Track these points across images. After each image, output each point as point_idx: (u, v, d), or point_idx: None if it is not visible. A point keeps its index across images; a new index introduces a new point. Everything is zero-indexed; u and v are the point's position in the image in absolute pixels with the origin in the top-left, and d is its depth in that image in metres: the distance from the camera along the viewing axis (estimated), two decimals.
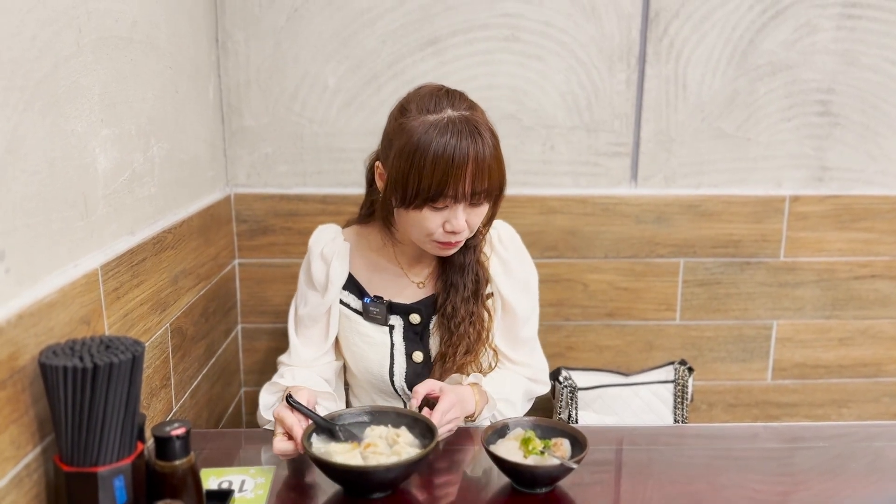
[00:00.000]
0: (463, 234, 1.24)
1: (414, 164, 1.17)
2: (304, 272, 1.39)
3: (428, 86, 1.27)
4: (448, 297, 1.33)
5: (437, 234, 1.23)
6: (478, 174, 1.18)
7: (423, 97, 1.23)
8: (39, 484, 0.87)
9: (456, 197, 1.19)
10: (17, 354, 0.82)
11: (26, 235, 0.87)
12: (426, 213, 1.21)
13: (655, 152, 1.82)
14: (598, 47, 1.74)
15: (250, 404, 1.89)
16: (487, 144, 1.18)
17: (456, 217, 1.21)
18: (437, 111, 1.19)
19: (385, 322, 1.35)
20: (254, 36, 1.69)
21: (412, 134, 1.18)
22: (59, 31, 0.94)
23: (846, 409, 2.01)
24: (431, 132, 1.16)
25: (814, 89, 1.80)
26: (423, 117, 1.19)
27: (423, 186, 1.17)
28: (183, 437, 0.91)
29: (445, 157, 1.15)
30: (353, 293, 1.37)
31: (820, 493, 1.11)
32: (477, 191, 1.19)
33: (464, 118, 1.18)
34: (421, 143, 1.16)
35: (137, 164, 1.20)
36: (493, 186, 1.22)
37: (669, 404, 1.66)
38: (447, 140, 1.15)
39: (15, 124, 0.84)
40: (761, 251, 1.88)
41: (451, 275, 1.34)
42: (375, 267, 1.38)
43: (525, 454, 1.10)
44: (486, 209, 1.26)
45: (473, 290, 1.34)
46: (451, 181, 1.16)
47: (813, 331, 1.94)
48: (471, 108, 1.23)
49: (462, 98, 1.24)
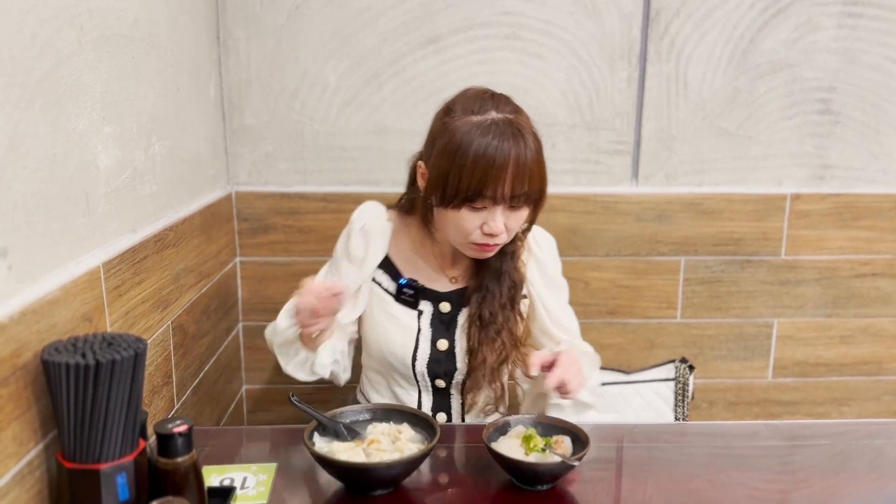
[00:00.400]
0: (500, 238, 1.24)
1: (455, 163, 1.18)
2: (343, 244, 1.39)
3: (474, 88, 1.28)
4: (484, 302, 1.33)
5: (474, 235, 1.24)
6: (518, 177, 1.18)
7: (468, 99, 1.24)
8: (42, 480, 0.87)
9: (495, 198, 1.19)
10: (20, 351, 0.83)
11: (28, 233, 0.87)
12: (464, 213, 1.21)
13: (656, 150, 1.82)
14: (599, 45, 1.74)
15: (252, 402, 1.90)
16: (529, 147, 1.18)
17: (494, 219, 1.21)
18: (482, 112, 1.20)
19: (415, 306, 1.35)
20: (255, 34, 1.69)
21: (455, 133, 1.19)
22: (60, 28, 0.94)
23: (847, 408, 2.01)
24: (474, 132, 1.17)
25: (815, 88, 1.80)
26: (467, 118, 1.20)
27: (462, 186, 1.18)
28: (185, 434, 0.91)
29: (487, 157, 1.16)
30: (388, 273, 1.37)
31: (820, 490, 1.11)
32: (517, 193, 1.19)
33: (507, 120, 1.19)
34: (463, 143, 1.17)
35: (139, 161, 1.20)
36: (534, 190, 1.22)
37: (670, 402, 1.66)
38: (489, 140, 1.16)
39: (16, 122, 0.84)
40: (762, 249, 1.88)
41: (487, 279, 1.34)
42: (413, 255, 1.38)
43: (526, 452, 1.10)
44: (525, 213, 1.26)
45: (510, 296, 1.35)
46: (490, 181, 1.17)
47: (814, 329, 1.94)
48: (515, 111, 1.23)
49: (507, 101, 1.25)
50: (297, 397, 1.14)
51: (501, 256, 1.33)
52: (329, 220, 1.78)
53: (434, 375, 1.35)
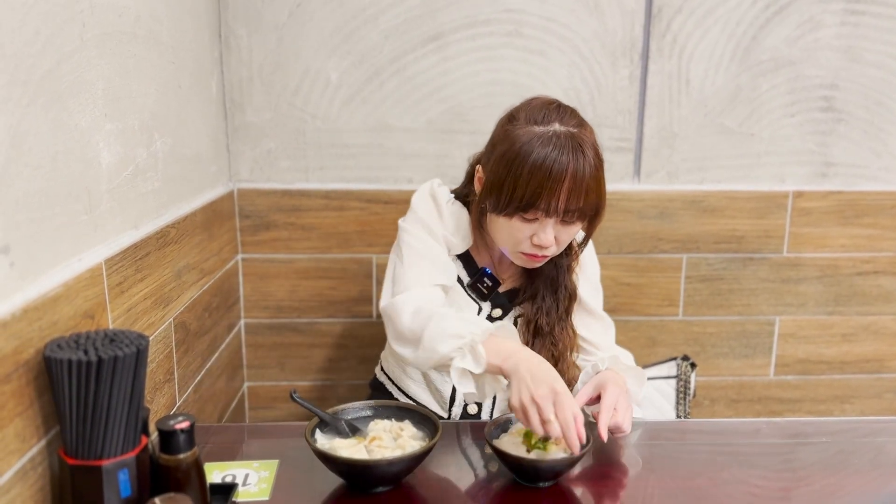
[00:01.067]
0: (550, 250, 1.24)
1: (511, 171, 1.17)
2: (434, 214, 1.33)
3: (541, 98, 1.27)
4: (540, 312, 1.33)
5: (524, 245, 1.23)
6: (574, 191, 1.17)
7: (533, 108, 1.23)
8: (44, 477, 0.88)
9: (548, 211, 1.18)
10: (22, 348, 0.83)
11: (30, 230, 0.87)
12: (516, 222, 1.21)
13: (658, 148, 1.81)
14: (601, 43, 1.74)
15: (253, 399, 1.90)
16: (589, 163, 1.17)
17: (545, 231, 1.20)
18: (545, 123, 1.19)
19: (484, 299, 1.35)
20: (256, 31, 1.69)
21: (515, 142, 1.18)
22: (62, 25, 0.94)
23: (849, 405, 2.01)
24: (534, 142, 1.16)
25: (817, 85, 1.80)
26: (530, 127, 1.19)
27: (517, 195, 1.17)
28: (187, 430, 0.91)
29: (544, 168, 1.15)
30: (462, 261, 1.36)
31: (822, 488, 1.11)
32: (570, 208, 1.18)
33: (569, 134, 1.17)
34: (522, 152, 1.16)
35: (141, 159, 1.20)
36: (588, 207, 1.20)
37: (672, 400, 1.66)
38: (548, 152, 1.15)
39: (19, 119, 0.84)
40: (764, 247, 1.87)
41: (542, 288, 1.34)
42: (476, 250, 1.37)
43: (528, 449, 1.10)
44: (577, 228, 1.24)
45: (566, 308, 1.35)
46: (545, 193, 1.16)
47: (816, 327, 1.94)
48: (580, 125, 1.21)
49: (573, 115, 1.23)
50: (298, 394, 1.14)
51: (556, 267, 1.33)
52: (331, 218, 1.79)
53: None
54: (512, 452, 1.08)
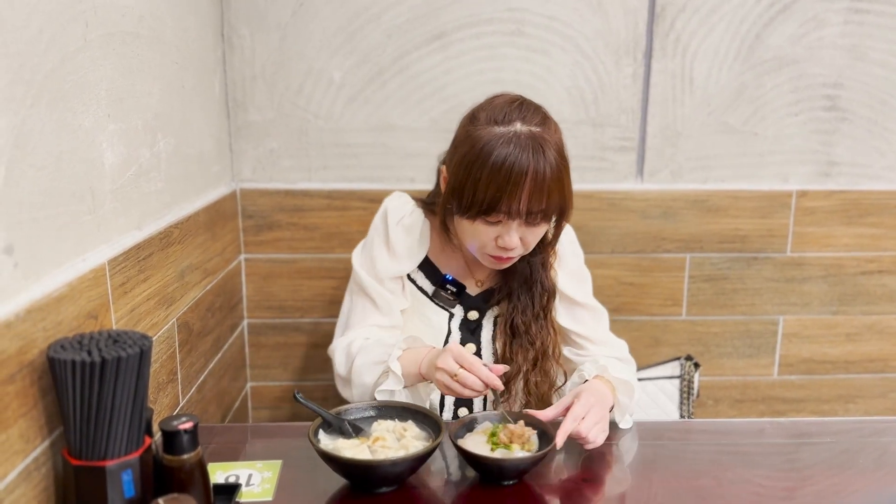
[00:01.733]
0: (516, 251, 1.23)
1: (471, 175, 1.16)
2: (381, 233, 1.35)
3: (505, 95, 1.25)
4: (515, 310, 1.32)
5: (489, 247, 1.22)
6: (535, 193, 1.15)
7: (495, 107, 1.21)
8: (48, 477, 0.88)
9: (510, 213, 1.17)
10: (26, 349, 0.83)
11: (34, 230, 0.87)
12: (479, 225, 1.20)
13: (662, 147, 1.81)
14: (604, 42, 1.74)
15: (256, 399, 1.90)
16: (550, 164, 1.15)
17: (508, 234, 1.19)
18: (506, 123, 1.17)
19: (451, 307, 1.35)
20: (259, 30, 1.69)
21: (475, 143, 1.17)
22: (65, 24, 0.94)
23: (853, 405, 2.00)
24: (494, 143, 1.15)
25: (821, 84, 1.79)
26: (490, 128, 1.17)
27: (477, 198, 1.16)
28: (190, 431, 0.91)
29: (503, 171, 1.13)
30: (425, 272, 1.36)
31: (826, 488, 1.11)
32: (533, 210, 1.17)
33: (530, 134, 1.16)
34: (481, 154, 1.15)
35: (144, 159, 1.20)
36: (552, 208, 1.19)
37: (675, 400, 1.66)
38: (507, 154, 1.13)
39: (22, 119, 0.84)
40: (768, 246, 1.87)
41: (517, 287, 1.32)
42: (442, 256, 1.37)
43: (492, 448, 1.10)
44: (543, 229, 1.23)
45: (542, 305, 1.33)
46: (505, 196, 1.14)
47: (820, 326, 1.93)
48: (543, 124, 1.20)
49: (537, 112, 1.21)
50: (302, 395, 1.14)
51: (530, 263, 1.32)
52: (333, 218, 1.78)
53: None
54: (476, 451, 1.07)
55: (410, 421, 1.15)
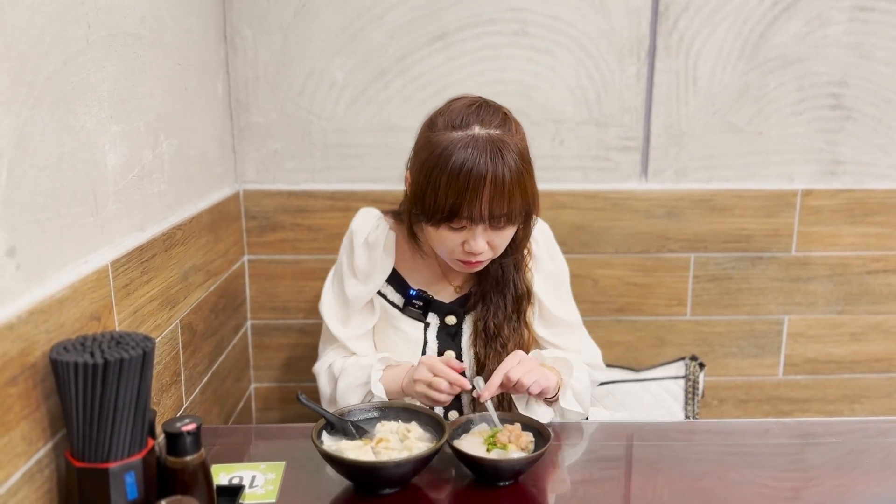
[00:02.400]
0: (484, 256, 1.22)
1: (431, 182, 1.15)
2: (347, 257, 1.36)
3: (464, 98, 1.23)
4: (488, 314, 1.30)
5: (456, 252, 1.21)
6: (496, 197, 1.13)
7: (453, 111, 1.19)
8: (51, 479, 0.88)
9: (472, 218, 1.15)
10: (28, 350, 0.83)
11: (36, 231, 0.87)
12: (444, 231, 1.19)
13: (666, 147, 1.81)
14: (607, 41, 1.73)
15: (260, 400, 1.90)
16: (509, 167, 1.13)
17: (475, 239, 1.18)
18: (463, 128, 1.16)
19: (423, 319, 1.34)
20: (261, 31, 1.69)
21: (433, 150, 1.15)
22: (67, 26, 0.94)
23: (859, 405, 1.99)
24: (451, 149, 1.13)
25: (826, 82, 1.78)
26: (448, 133, 1.16)
27: (438, 205, 1.15)
28: (194, 432, 0.91)
29: (461, 176, 1.12)
30: (393, 286, 1.35)
31: (832, 489, 1.10)
32: (496, 214, 1.15)
33: (489, 137, 1.14)
34: (439, 161, 1.14)
35: (146, 160, 1.20)
36: (515, 211, 1.17)
37: (680, 400, 1.65)
38: (465, 158, 1.12)
39: (24, 120, 0.84)
40: (773, 246, 1.86)
41: (490, 289, 1.31)
42: (415, 264, 1.35)
43: (488, 449, 1.10)
44: (510, 232, 1.22)
45: (515, 307, 1.32)
46: (465, 203, 1.13)
47: (825, 326, 1.92)
48: (503, 126, 1.18)
49: (496, 114, 1.19)
50: (305, 396, 1.14)
51: (502, 265, 1.30)
52: (337, 218, 1.78)
53: None
54: (471, 452, 1.07)
55: (414, 422, 1.15)
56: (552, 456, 1.18)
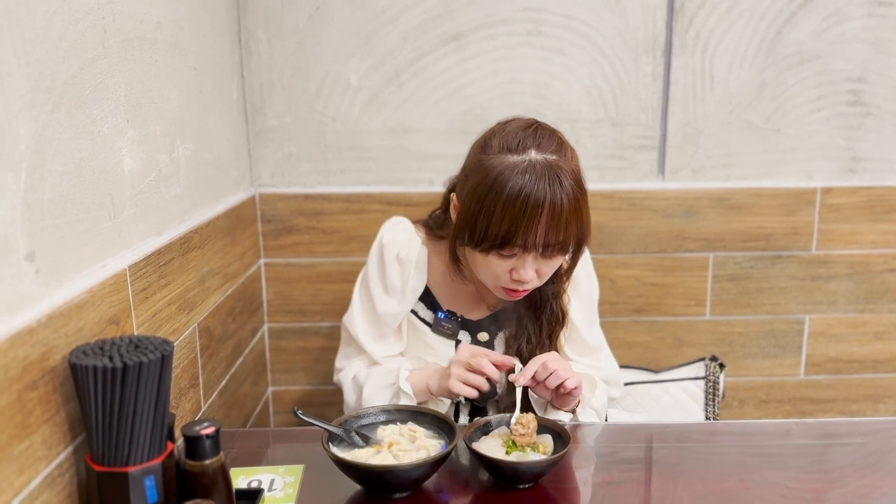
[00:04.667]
0: (531, 284, 1.19)
1: (484, 207, 1.11)
2: (377, 272, 1.33)
3: (518, 120, 1.20)
4: (522, 337, 1.29)
5: (503, 279, 1.18)
6: (552, 225, 1.10)
7: (507, 133, 1.16)
8: (72, 483, 0.88)
9: (525, 247, 1.12)
10: (48, 355, 0.83)
11: (55, 236, 0.87)
12: (493, 258, 1.16)
13: (683, 145, 1.79)
14: (622, 40, 1.72)
15: (278, 403, 1.90)
16: (567, 194, 1.10)
17: (524, 267, 1.15)
18: (520, 151, 1.12)
19: (454, 336, 1.32)
20: (276, 35, 1.69)
21: (487, 174, 1.12)
22: (84, 31, 0.94)
23: (882, 405, 1.96)
24: (507, 174, 1.09)
25: (844, 79, 1.76)
26: (503, 157, 1.12)
27: (491, 232, 1.11)
28: (212, 436, 0.91)
29: (518, 203, 1.08)
30: (425, 303, 1.33)
31: (855, 490, 1.09)
32: (550, 243, 1.13)
33: (546, 163, 1.10)
34: (494, 186, 1.10)
35: (163, 164, 1.20)
36: (569, 239, 1.14)
37: (700, 401, 1.64)
38: (523, 185, 1.08)
39: (42, 125, 0.85)
40: (793, 244, 1.84)
41: (525, 314, 1.29)
42: (449, 282, 1.32)
43: (508, 451, 1.09)
44: (559, 261, 1.19)
45: (549, 332, 1.30)
46: (521, 231, 1.10)
47: (847, 325, 1.90)
48: (559, 151, 1.14)
49: (552, 138, 1.16)
50: (301, 411, 1.09)
51: (540, 293, 1.28)
52: (352, 221, 1.78)
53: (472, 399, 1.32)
54: (491, 455, 1.06)
55: (411, 423, 1.14)
56: (572, 458, 1.17)
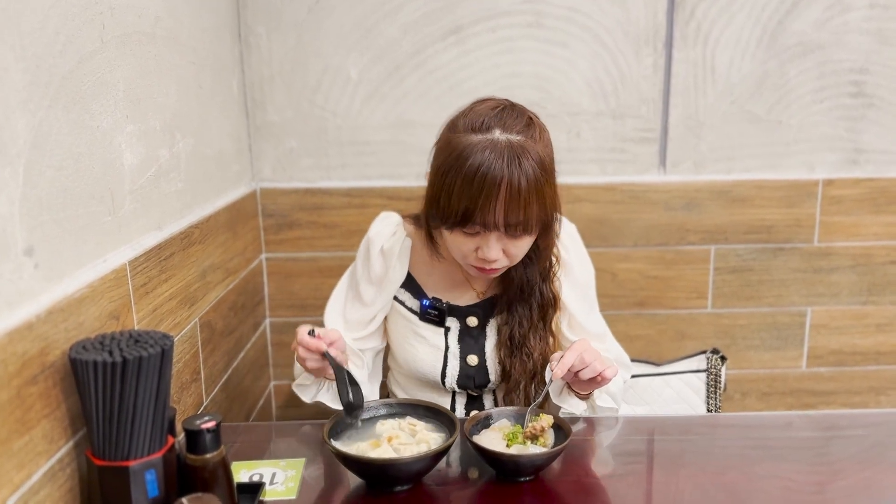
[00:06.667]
0: (499, 263, 1.19)
1: (445, 184, 1.13)
2: (362, 264, 1.35)
3: (489, 101, 1.20)
4: (514, 322, 1.28)
5: (470, 258, 1.19)
6: (511, 205, 1.10)
7: (475, 113, 1.16)
8: (73, 478, 0.88)
9: (486, 225, 1.13)
10: (48, 350, 0.83)
11: (54, 230, 0.87)
12: (458, 236, 1.17)
13: (684, 137, 1.78)
14: (623, 32, 1.71)
15: (280, 398, 1.90)
16: (526, 174, 1.09)
17: (488, 245, 1.15)
18: (484, 131, 1.13)
19: (441, 324, 1.32)
20: (275, 29, 1.69)
21: (451, 152, 1.13)
22: (82, 26, 0.94)
23: (884, 397, 1.96)
24: (468, 152, 1.10)
25: (847, 70, 1.75)
26: (468, 136, 1.13)
27: (452, 208, 1.12)
28: (213, 430, 0.91)
29: (476, 180, 1.09)
30: (411, 292, 1.34)
31: (857, 482, 1.08)
32: (511, 222, 1.12)
33: (508, 143, 1.11)
34: (455, 164, 1.11)
35: (163, 159, 1.20)
36: (532, 220, 1.13)
37: (702, 394, 1.63)
38: (480, 163, 1.09)
39: (40, 120, 0.85)
40: (795, 236, 1.84)
41: (515, 298, 1.28)
42: (435, 269, 1.33)
43: (508, 444, 1.09)
44: (528, 241, 1.19)
45: (541, 316, 1.29)
46: (478, 208, 1.10)
47: (849, 317, 1.89)
48: (525, 131, 1.14)
49: (520, 119, 1.16)
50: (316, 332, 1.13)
51: (527, 274, 1.27)
52: (353, 216, 1.78)
53: (466, 388, 1.33)
54: (492, 448, 1.06)
55: (409, 417, 1.14)
56: (573, 451, 1.17)
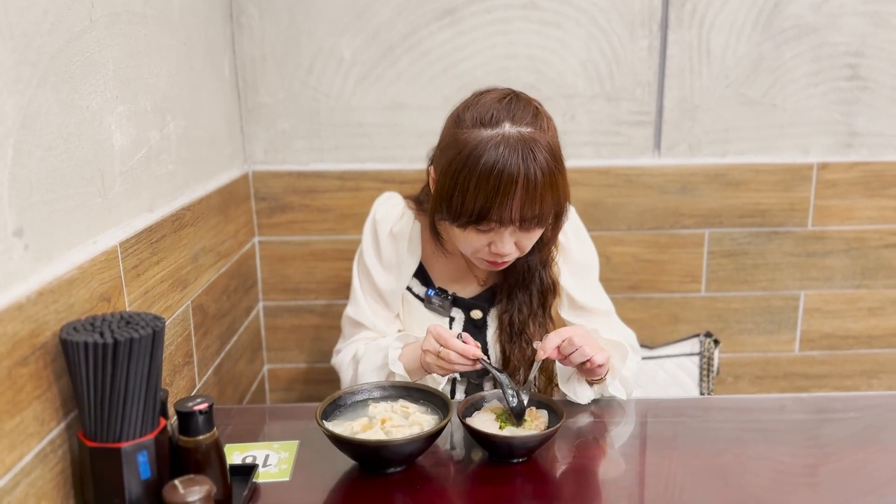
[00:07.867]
0: (511, 256, 1.19)
1: (458, 184, 1.11)
2: (372, 248, 1.34)
3: (493, 92, 1.18)
4: (513, 309, 1.28)
5: (482, 253, 1.19)
6: (528, 200, 1.09)
7: (482, 106, 1.14)
8: (64, 459, 0.88)
9: (501, 221, 1.12)
10: (39, 331, 0.83)
11: (44, 212, 0.87)
12: (470, 233, 1.16)
13: (679, 120, 1.78)
14: (618, 13, 1.70)
15: (273, 381, 1.90)
16: (541, 167, 1.08)
17: (502, 241, 1.15)
18: (493, 125, 1.11)
19: (447, 314, 1.32)
20: (267, 10, 1.67)
21: (461, 149, 1.11)
22: (70, 4, 0.93)
23: (876, 381, 1.97)
24: (481, 149, 1.08)
25: (842, 53, 1.75)
26: (477, 131, 1.11)
27: (466, 208, 1.11)
28: (206, 412, 0.91)
29: (492, 179, 1.08)
30: (419, 279, 1.34)
31: (850, 464, 1.09)
32: (526, 217, 1.12)
33: (520, 136, 1.09)
34: (468, 162, 1.09)
35: (154, 141, 1.19)
36: (546, 213, 1.13)
37: (695, 377, 1.64)
38: (496, 160, 1.07)
39: (29, 99, 0.84)
40: (789, 220, 1.84)
41: (515, 285, 1.29)
42: (440, 257, 1.32)
43: (501, 426, 1.09)
44: (538, 233, 1.18)
45: (541, 302, 1.29)
46: (496, 206, 1.09)
47: (842, 301, 1.90)
48: (534, 123, 1.12)
49: (528, 109, 1.14)
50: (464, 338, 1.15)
51: (528, 261, 1.27)
52: (346, 199, 1.77)
53: (467, 375, 1.33)
54: (484, 429, 1.07)
55: (401, 399, 1.14)
56: (566, 433, 1.18)
